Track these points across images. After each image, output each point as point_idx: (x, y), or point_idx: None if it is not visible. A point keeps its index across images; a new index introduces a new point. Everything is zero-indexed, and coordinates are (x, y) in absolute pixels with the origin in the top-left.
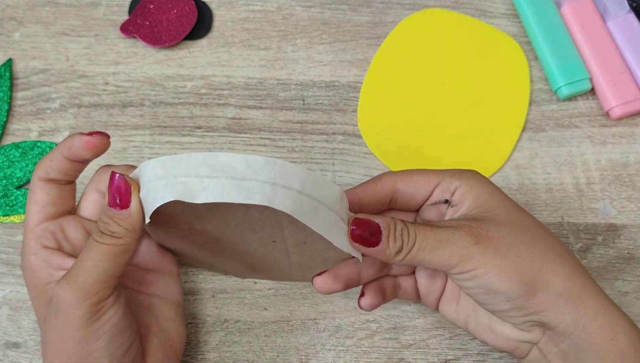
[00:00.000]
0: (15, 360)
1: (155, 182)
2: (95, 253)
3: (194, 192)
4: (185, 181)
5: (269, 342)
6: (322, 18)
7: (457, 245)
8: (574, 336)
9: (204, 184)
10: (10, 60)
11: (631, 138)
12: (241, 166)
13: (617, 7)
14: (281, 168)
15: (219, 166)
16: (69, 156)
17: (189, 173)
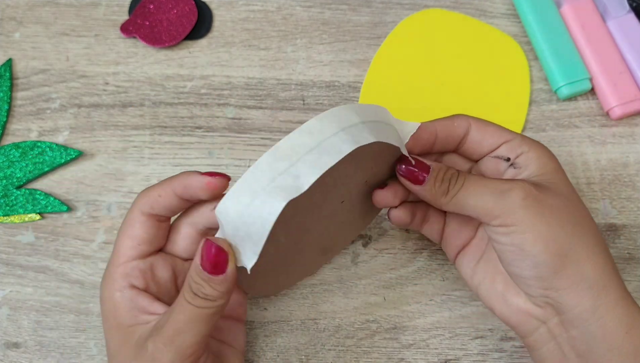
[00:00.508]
0: (15, 360)
1: (247, 211)
2: (190, 315)
3: (295, 185)
4: (275, 185)
5: (269, 342)
6: (322, 18)
7: (505, 196)
8: (588, 323)
9: (294, 172)
10: (10, 60)
11: (631, 137)
12: (306, 138)
13: (617, 7)
14: (334, 115)
15: (288, 151)
16: (183, 194)
17: (272, 178)
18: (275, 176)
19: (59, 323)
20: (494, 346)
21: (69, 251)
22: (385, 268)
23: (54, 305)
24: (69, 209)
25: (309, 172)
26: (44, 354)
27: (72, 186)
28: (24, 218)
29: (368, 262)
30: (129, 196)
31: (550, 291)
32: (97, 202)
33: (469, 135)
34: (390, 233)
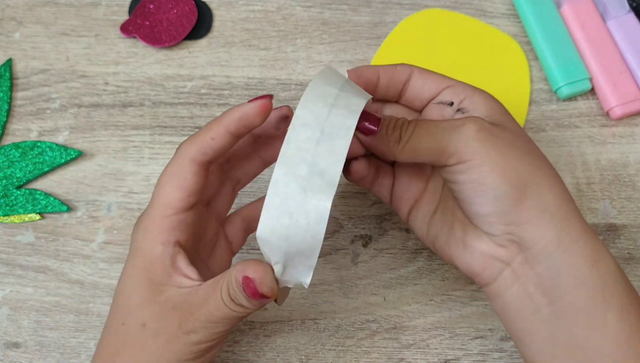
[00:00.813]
0: (15, 360)
1: (292, 231)
2: (224, 314)
3: (326, 182)
4: (308, 193)
5: (269, 342)
6: (322, 18)
7: (459, 131)
8: (553, 257)
9: (317, 170)
10: (10, 60)
11: (631, 137)
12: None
13: (617, 7)
14: (314, 95)
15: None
16: (238, 128)
17: (301, 188)
18: (302, 184)
19: (59, 323)
20: (494, 346)
21: (69, 251)
22: (385, 268)
23: (54, 305)
24: (69, 209)
25: (332, 162)
26: (44, 354)
27: (72, 186)
28: (24, 218)
29: (368, 262)
30: (129, 196)
31: (513, 226)
32: (97, 202)
33: (410, 81)
34: (390, 233)
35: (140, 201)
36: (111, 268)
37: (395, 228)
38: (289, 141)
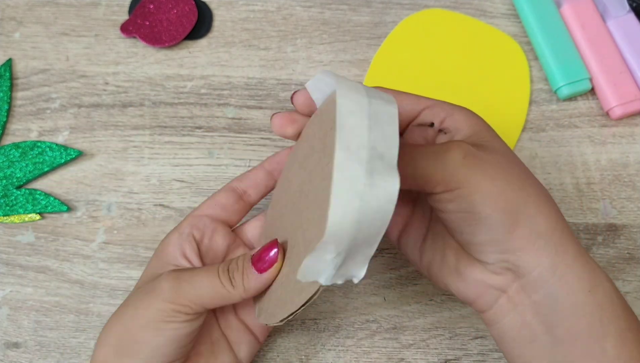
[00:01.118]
0: (15, 360)
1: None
2: (211, 282)
3: (386, 164)
4: (373, 175)
5: (269, 342)
6: (322, 18)
7: (444, 158)
8: (550, 284)
9: (377, 154)
10: (10, 60)
11: (631, 137)
12: (353, 119)
13: (617, 7)
14: (347, 89)
15: (354, 139)
16: (274, 169)
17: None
18: (367, 167)
19: (59, 323)
20: (494, 346)
21: (69, 251)
22: (385, 268)
23: (54, 305)
24: (69, 209)
25: (388, 147)
26: (44, 354)
27: (72, 186)
28: (24, 218)
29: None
30: (129, 196)
31: (507, 254)
32: (97, 202)
33: None
34: None
35: (140, 201)
36: (111, 268)
37: None
38: (341, 127)
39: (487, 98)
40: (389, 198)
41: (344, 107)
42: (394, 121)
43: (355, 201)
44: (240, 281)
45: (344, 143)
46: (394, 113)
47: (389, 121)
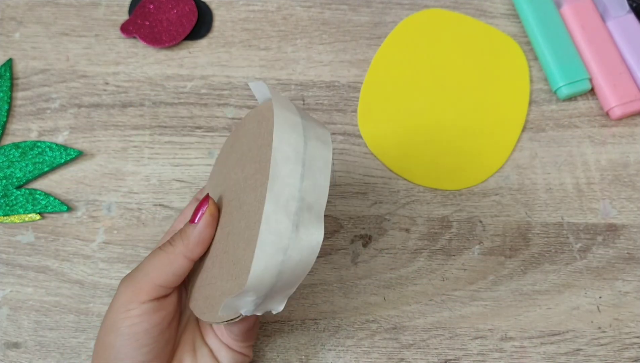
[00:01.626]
0: (15, 360)
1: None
2: (153, 257)
3: (314, 215)
4: (299, 228)
5: (269, 342)
6: (322, 18)
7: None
8: None
9: (306, 206)
10: (10, 60)
11: (631, 137)
12: (287, 166)
13: (617, 7)
14: (283, 124)
15: (285, 189)
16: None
17: (292, 223)
18: (294, 220)
19: (59, 323)
20: (494, 346)
21: (69, 251)
22: (385, 268)
23: (54, 305)
24: (69, 209)
25: (318, 197)
26: (44, 354)
27: (72, 186)
28: (24, 218)
29: (368, 262)
30: (129, 196)
31: None
32: (97, 202)
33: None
34: (390, 233)
35: (140, 201)
36: (111, 268)
37: (395, 228)
38: (274, 176)
39: (487, 98)
40: (312, 250)
41: (279, 154)
42: (327, 167)
43: (279, 256)
44: (179, 239)
45: (275, 194)
46: (328, 158)
47: (323, 168)
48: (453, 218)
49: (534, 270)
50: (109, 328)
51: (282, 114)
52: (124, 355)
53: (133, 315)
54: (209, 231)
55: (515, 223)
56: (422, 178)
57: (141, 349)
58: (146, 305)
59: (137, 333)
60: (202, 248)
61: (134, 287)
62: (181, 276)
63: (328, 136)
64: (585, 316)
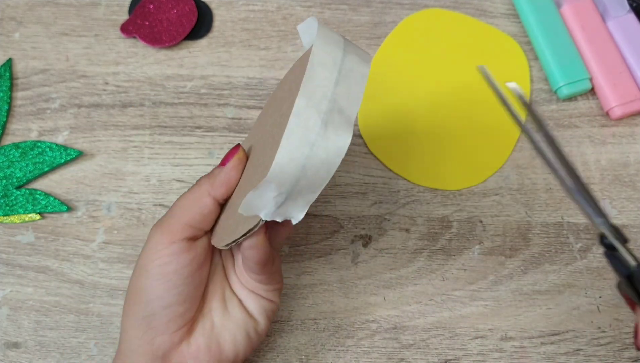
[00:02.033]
0: (15, 360)
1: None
2: (180, 200)
3: (344, 120)
4: (327, 127)
5: (269, 342)
6: (322, 18)
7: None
8: None
9: (337, 108)
10: (10, 60)
11: (631, 137)
12: (323, 71)
13: (617, 7)
14: (325, 39)
15: (319, 91)
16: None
17: (322, 121)
18: (323, 118)
19: (59, 323)
20: (494, 346)
21: (69, 251)
22: (385, 268)
23: (54, 305)
24: (69, 209)
25: (350, 104)
26: (44, 354)
27: (72, 186)
28: (24, 218)
29: (368, 262)
30: (129, 196)
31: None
32: (97, 202)
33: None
34: (390, 233)
35: (140, 201)
36: (111, 268)
37: (395, 228)
38: (309, 77)
39: (487, 98)
40: (337, 151)
41: (316, 58)
42: (363, 80)
43: (304, 149)
44: (205, 179)
45: (308, 91)
46: (364, 73)
47: (358, 80)
48: (453, 218)
49: (534, 270)
50: (139, 271)
51: (325, 32)
52: (155, 297)
53: (162, 254)
54: (235, 173)
55: (515, 223)
56: (422, 178)
57: (171, 290)
58: (175, 245)
59: (167, 273)
60: (226, 188)
61: (162, 229)
62: (207, 217)
63: (368, 56)
64: (585, 316)
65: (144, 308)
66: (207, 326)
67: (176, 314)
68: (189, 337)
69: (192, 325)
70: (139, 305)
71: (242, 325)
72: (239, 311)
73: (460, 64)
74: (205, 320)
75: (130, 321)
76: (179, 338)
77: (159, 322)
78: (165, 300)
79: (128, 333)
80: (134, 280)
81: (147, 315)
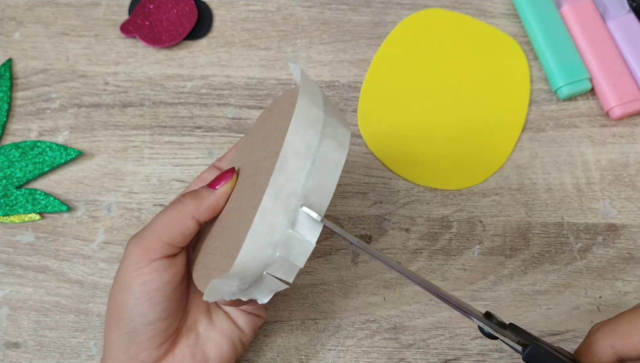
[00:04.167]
0: (15, 360)
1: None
2: (163, 215)
3: (313, 219)
4: (294, 228)
5: (269, 342)
6: (322, 18)
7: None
8: None
9: (306, 209)
10: (10, 60)
11: (631, 137)
12: (296, 161)
13: (617, 7)
14: (303, 118)
15: (288, 185)
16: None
17: (288, 219)
18: (290, 217)
19: (59, 323)
20: (494, 346)
21: (69, 251)
22: (385, 268)
23: (54, 305)
24: (69, 209)
25: (320, 198)
26: (44, 354)
27: (72, 186)
28: (24, 218)
29: (368, 262)
30: (129, 196)
31: None
32: (97, 202)
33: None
34: (390, 233)
35: (140, 201)
36: (111, 268)
37: (395, 228)
38: (280, 169)
39: (487, 98)
40: (304, 250)
41: (290, 147)
42: (337, 170)
43: (268, 249)
44: (190, 198)
45: (277, 187)
46: (340, 162)
47: (333, 170)
48: (453, 218)
49: (534, 270)
50: (121, 287)
51: (305, 106)
52: (137, 314)
53: (144, 272)
54: (223, 201)
55: (515, 223)
56: (422, 178)
57: (154, 307)
58: (156, 263)
59: (149, 291)
60: (211, 213)
61: (143, 245)
62: (188, 237)
63: (347, 137)
64: (585, 316)
65: (126, 325)
66: (191, 337)
67: (159, 330)
68: (174, 349)
69: (177, 338)
70: (122, 321)
71: (229, 335)
72: (226, 322)
73: (460, 64)
74: (190, 332)
75: (113, 335)
76: (164, 351)
77: (143, 338)
78: (148, 317)
79: (112, 348)
80: (115, 295)
81: (130, 332)
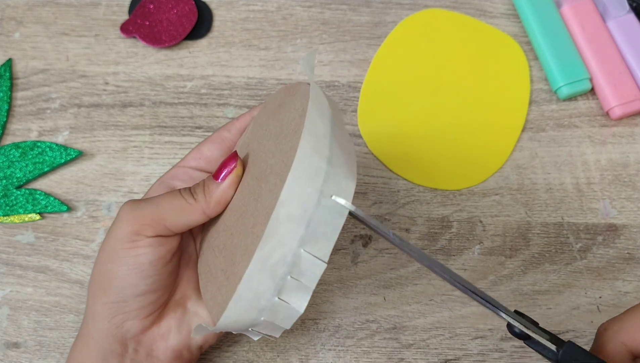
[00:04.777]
0: (15, 360)
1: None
2: (170, 199)
3: (302, 288)
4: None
5: (269, 342)
6: (322, 18)
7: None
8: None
9: (295, 278)
10: (10, 60)
11: (631, 137)
12: (290, 224)
13: (617, 7)
14: (303, 171)
15: (280, 250)
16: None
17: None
18: (278, 285)
19: (59, 323)
20: (494, 346)
21: (69, 251)
22: (385, 268)
23: (54, 305)
24: (69, 209)
25: (312, 266)
26: (44, 354)
27: (72, 186)
28: (24, 218)
29: (368, 262)
30: (129, 196)
31: None
32: (97, 202)
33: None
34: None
35: None
36: None
37: (396, 228)
38: (269, 234)
39: (487, 98)
40: (291, 316)
41: (283, 209)
42: (334, 235)
43: (252, 314)
44: (201, 193)
45: (265, 253)
46: (337, 227)
47: (329, 235)
48: (453, 218)
49: (534, 270)
50: (111, 255)
51: (308, 149)
52: (128, 285)
53: (139, 246)
54: (232, 192)
55: (515, 223)
56: (422, 178)
57: (145, 280)
58: (152, 239)
59: (142, 264)
60: (221, 207)
61: (142, 220)
62: (192, 227)
63: (351, 191)
64: (585, 316)
65: (115, 294)
66: (178, 311)
67: (148, 301)
68: (160, 321)
69: (164, 310)
70: (110, 289)
71: None
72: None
73: (460, 64)
74: (178, 306)
75: (97, 304)
76: (150, 322)
77: (130, 308)
78: (138, 289)
79: (95, 315)
80: (103, 263)
81: (119, 301)
